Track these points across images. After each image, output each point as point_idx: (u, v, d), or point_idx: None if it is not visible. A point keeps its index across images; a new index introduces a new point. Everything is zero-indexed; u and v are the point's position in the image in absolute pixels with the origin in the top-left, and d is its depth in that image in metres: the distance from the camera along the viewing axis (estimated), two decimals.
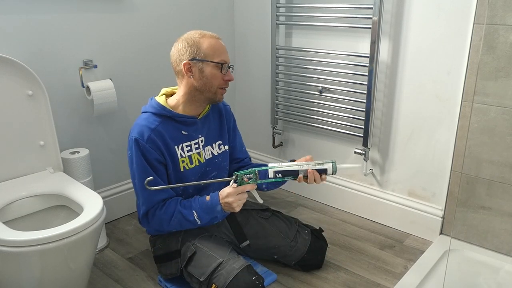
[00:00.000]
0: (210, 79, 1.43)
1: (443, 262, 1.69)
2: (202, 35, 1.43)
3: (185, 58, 1.41)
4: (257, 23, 2.28)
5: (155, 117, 1.46)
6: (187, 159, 1.51)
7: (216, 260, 1.43)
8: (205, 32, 1.46)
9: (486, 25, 1.54)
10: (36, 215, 1.53)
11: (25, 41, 1.62)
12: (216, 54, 1.42)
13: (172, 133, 1.47)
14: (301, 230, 1.67)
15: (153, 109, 1.47)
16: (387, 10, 1.78)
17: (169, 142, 1.46)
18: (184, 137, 1.50)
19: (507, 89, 1.56)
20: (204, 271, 1.42)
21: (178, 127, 1.49)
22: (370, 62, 1.80)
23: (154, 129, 1.43)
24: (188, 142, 1.51)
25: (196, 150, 1.53)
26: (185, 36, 1.45)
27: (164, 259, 1.55)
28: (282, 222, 1.68)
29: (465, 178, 1.74)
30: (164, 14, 2.05)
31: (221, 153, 1.61)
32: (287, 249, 1.64)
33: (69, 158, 1.71)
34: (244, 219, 1.67)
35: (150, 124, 1.44)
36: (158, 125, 1.45)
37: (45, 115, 1.61)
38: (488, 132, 1.64)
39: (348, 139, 2.07)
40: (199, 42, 1.42)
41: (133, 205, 2.14)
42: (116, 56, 1.91)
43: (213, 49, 1.42)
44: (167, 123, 1.46)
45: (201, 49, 1.41)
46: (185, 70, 1.42)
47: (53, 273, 1.31)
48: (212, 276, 1.40)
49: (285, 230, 1.66)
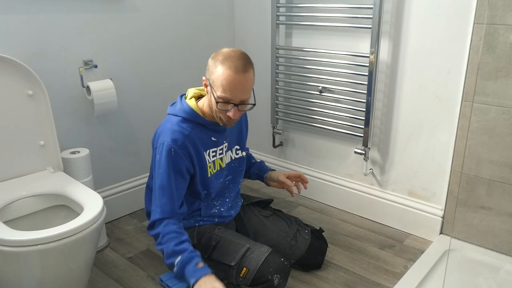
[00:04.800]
0: (212, 104, 1.41)
1: (443, 262, 1.69)
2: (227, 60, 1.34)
3: (206, 74, 1.42)
4: (257, 23, 2.28)
5: (188, 123, 1.45)
6: (212, 164, 1.53)
7: (244, 245, 1.47)
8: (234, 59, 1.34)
9: (486, 25, 1.54)
10: (36, 215, 1.53)
11: (25, 41, 1.62)
12: (222, 89, 1.35)
13: (203, 139, 1.48)
14: (301, 230, 1.68)
15: (186, 115, 1.45)
16: (387, 10, 1.78)
17: (200, 148, 1.47)
18: (213, 143, 1.52)
19: (507, 89, 1.56)
20: (234, 256, 1.45)
21: (208, 134, 1.50)
22: (370, 62, 1.80)
23: (188, 136, 1.43)
24: (215, 148, 1.53)
25: (219, 156, 1.56)
26: (218, 52, 1.39)
27: None
28: (282, 221, 1.70)
29: (465, 178, 1.74)
30: (164, 14, 2.05)
31: (238, 158, 1.65)
32: (287, 247, 1.64)
33: (69, 158, 1.71)
34: (246, 217, 1.71)
35: (184, 130, 1.43)
36: (191, 131, 1.45)
37: (45, 115, 1.61)
38: (488, 132, 1.64)
39: (348, 139, 2.07)
40: (216, 67, 1.35)
41: (133, 205, 2.15)
42: (116, 56, 1.91)
43: (221, 82, 1.34)
44: (198, 129, 1.47)
45: (213, 75, 1.37)
46: (204, 83, 1.45)
47: (53, 273, 1.31)
48: (242, 260, 1.44)
49: (285, 229, 1.67)
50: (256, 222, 1.70)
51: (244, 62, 1.36)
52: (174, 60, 2.15)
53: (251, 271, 1.42)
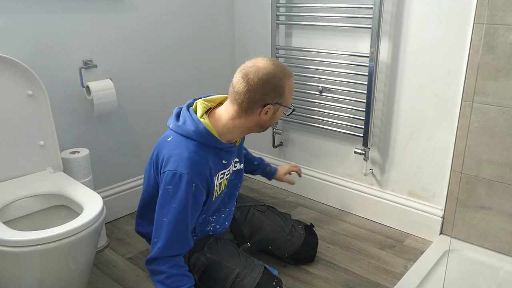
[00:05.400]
0: (277, 118, 1.37)
1: (443, 262, 1.69)
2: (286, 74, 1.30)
3: (269, 101, 1.29)
4: (257, 23, 2.28)
5: (204, 148, 1.30)
6: (218, 187, 1.40)
7: (233, 271, 1.40)
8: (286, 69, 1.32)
9: (486, 25, 1.54)
10: (36, 215, 1.53)
11: (25, 41, 1.62)
12: (291, 97, 1.36)
13: (216, 163, 1.35)
14: (295, 225, 1.71)
15: (202, 139, 1.29)
16: (387, 10, 1.78)
17: (213, 174, 1.34)
18: (223, 165, 1.39)
19: (507, 89, 1.56)
20: (223, 285, 1.39)
21: (221, 157, 1.37)
22: (370, 62, 1.80)
23: (207, 165, 1.29)
24: (224, 170, 1.40)
25: (226, 176, 1.43)
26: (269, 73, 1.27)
27: None
28: (277, 217, 1.73)
29: (465, 178, 1.73)
30: (164, 14, 2.05)
31: (235, 171, 1.52)
32: (283, 242, 1.67)
33: (69, 158, 1.71)
34: (242, 215, 1.70)
35: (203, 159, 1.28)
36: (208, 158, 1.30)
37: (45, 115, 1.61)
38: (488, 132, 1.64)
39: (348, 139, 2.07)
40: (284, 86, 1.30)
41: (133, 205, 2.14)
42: (116, 56, 1.91)
43: (291, 93, 1.34)
44: (212, 154, 1.33)
45: (285, 95, 1.31)
46: (263, 113, 1.30)
47: (53, 273, 1.31)
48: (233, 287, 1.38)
49: (281, 224, 1.70)
50: (252, 217, 1.70)
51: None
52: (174, 60, 2.15)
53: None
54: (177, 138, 1.30)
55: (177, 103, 2.20)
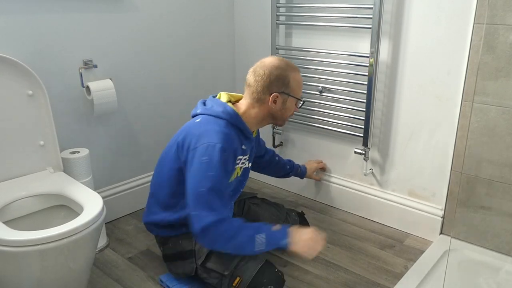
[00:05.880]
0: (288, 110, 1.52)
1: (443, 262, 1.69)
2: (290, 67, 1.47)
3: (275, 90, 1.45)
4: (257, 23, 2.28)
5: (232, 127, 1.44)
6: (236, 170, 1.50)
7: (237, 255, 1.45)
8: (290, 63, 1.49)
9: (486, 25, 1.54)
10: (36, 215, 1.53)
11: (25, 41, 1.62)
12: (300, 90, 1.52)
13: (238, 145, 1.46)
14: (289, 212, 1.82)
15: (230, 118, 1.44)
16: (387, 10, 1.78)
17: (237, 153, 1.45)
18: (242, 151, 1.50)
19: (507, 89, 1.56)
20: (227, 266, 1.43)
21: (242, 141, 1.49)
22: (370, 62, 1.80)
23: (234, 141, 1.42)
24: (241, 156, 1.50)
25: (241, 164, 1.52)
26: (273, 65, 1.45)
27: (176, 258, 1.56)
28: (271, 207, 1.81)
29: (465, 178, 1.74)
30: (164, 14, 2.05)
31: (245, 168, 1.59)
32: None
33: (69, 158, 1.71)
34: (239, 209, 1.76)
35: (231, 132, 1.42)
36: (234, 136, 1.44)
37: (45, 115, 1.61)
38: (488, 132, 1.64)
39: (348, 139, 2.07)
40: (289, 76, 1.46)
41: (133, 205, 2.15)
42: (116, 56, 1.91)
43: (299, 86, 1.51)
44: (237, 135, 1.46)
45: (290, 84, 1.47)
46: (271, 101, 1.46)
47: (53, 273, 1.31)
48: (236, 270, 1.43)
49: (276, 213, 1.78)
50: (249, 211, 1.76)
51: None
52: (174, 60, 2.15)
53: (244, 281, 1.41)
54: (206, 118, 1.45)
55: (177, 103, 2.21)
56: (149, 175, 2.18)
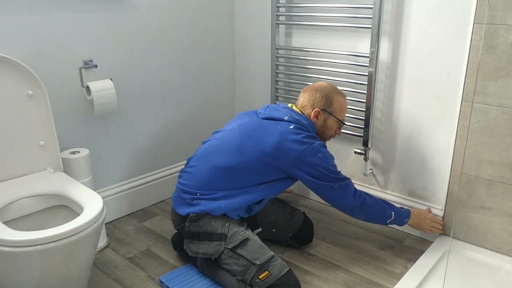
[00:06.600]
0: (329, 129, 1.71)
1: (443, 262, 1.69)
2: (336, 92, 1.70)
3: (317, 106, 1.67)
4: (257, 23, 2.28)
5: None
6: None
7: (270, 252, 1.54)
8: (338, 89, 1.72)
9: (486, 25, 1.54)
10: (36, 215, 1.53)
11: (25, 41, 1.62)
12: (342, 113, 1.72)
13: None
14: (293, 207, 1.88)
15: (313, 131, 1.67)
16: (387, 10, 1.78)
17: None
18: None
19: (507, 89, 1.56)
20: (259, 257, 1.50)
21: None
22: (370, 62, 1.80)
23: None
24: None
25: None
26: (321, 88, 1.69)
27: (203, 238, 1.57)
28: (276, 200, 1.87)
29: (465, 178, 1.74)
30: (164, 14, 2.05)
31: None
32: (285, 221, 1.79)
33: (69, 158, 1.71)
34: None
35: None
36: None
37: (45, 115, 1.61)
38: (488, 132, 1.64)
39: (348, 139, 2.07)
40: (332, 97, 1.68)
41: (133, 205, 2.15)
42: (116, 56, 1.91)
43: (341, 108, 1.70)
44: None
45: (333, 106, 1.68)
46: (313, 116, 1.67)
47: (53, 273, 1.31)
48: (267, 263, 1.49)
49: (281, 205, 1.85)
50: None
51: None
52: (174, 60, 2.15)
53: (272, 276, 1.47)
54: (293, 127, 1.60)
55: (177, 103, 2.21)
56: (149, 175, 2.18)
